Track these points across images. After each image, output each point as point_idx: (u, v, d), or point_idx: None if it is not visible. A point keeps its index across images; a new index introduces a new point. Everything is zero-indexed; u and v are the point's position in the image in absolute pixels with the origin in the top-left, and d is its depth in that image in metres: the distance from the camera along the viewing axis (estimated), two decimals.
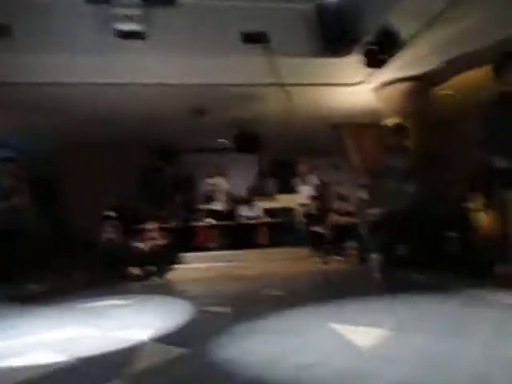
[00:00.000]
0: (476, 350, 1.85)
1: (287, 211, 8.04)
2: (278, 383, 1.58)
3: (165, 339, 2.34)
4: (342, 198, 6.79)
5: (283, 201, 8.49)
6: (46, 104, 6.14)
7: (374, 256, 5.66)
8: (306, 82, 5.98)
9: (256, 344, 2.12)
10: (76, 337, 2.55)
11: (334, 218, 6.31)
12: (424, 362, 1.73)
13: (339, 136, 8.13)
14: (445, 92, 6.23)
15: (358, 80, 6.00)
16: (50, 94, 5.79)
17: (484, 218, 5.14)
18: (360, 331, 2.27)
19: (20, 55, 5.15)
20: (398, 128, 5.30)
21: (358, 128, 7.94)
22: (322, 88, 6.23)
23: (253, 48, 5.46)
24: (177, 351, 2.09)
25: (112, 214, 6.22)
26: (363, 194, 6.07)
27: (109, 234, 6.08)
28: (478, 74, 5.79)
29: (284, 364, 1.79)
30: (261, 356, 1.91)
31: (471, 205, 4.52)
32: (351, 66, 5.39)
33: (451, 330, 2.25)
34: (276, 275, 5.53)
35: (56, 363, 2.00)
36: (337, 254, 6.02)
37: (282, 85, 5.77)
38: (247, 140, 8.48)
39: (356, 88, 6.24)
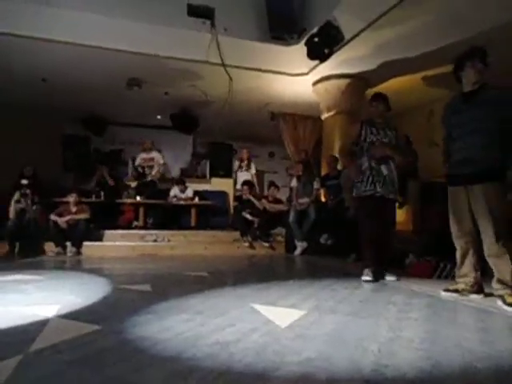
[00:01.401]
0: (382, 330, 1.99)
1: (219, 194, 8.01)
2: (193, 360, 1.55)
3: (76, 316, 2.18)
4: (274, 185, 6.90)
5: (216, 184, 8.44)
6: None
7: (299, 243, 5.88)
8: (249, 65, 5.92)
9: (175, 323, 2.07)
10: None
11: (265, 205, 6.40)
12: (336, 340, 1.81)
13: (277, 125, 8.24)
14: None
15: (301, 71, 6.08)
16: None
17: (400, 214, 5.58)
18: (280, 312, 2.32)
19: None
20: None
21: (296, 119, 8.12)
22: (264, 74, 6.22)
23: (198, 23, 5.27)
24: (88, 328, 1.95)
25: (25, 182, 5.65)
26: (294, 184, 6.22)
27: (22, 204, 5.53)
28: (413, 79, 6.22)
29: (202, 342, 1.76)
30: (179, 334, 1.87)
31: None
32: (296, 56, 5.44)
33: (362, 311, 2.40)
34: (201, 257, 5.49)
35: None
36: (264, 240, 6.12)
37: (225, 65, 5.64)
38: (185, 119, 8.26)
39: (298, 79, 6.32)
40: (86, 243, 5.57)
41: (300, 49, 5.15)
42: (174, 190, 7.31)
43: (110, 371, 1.46)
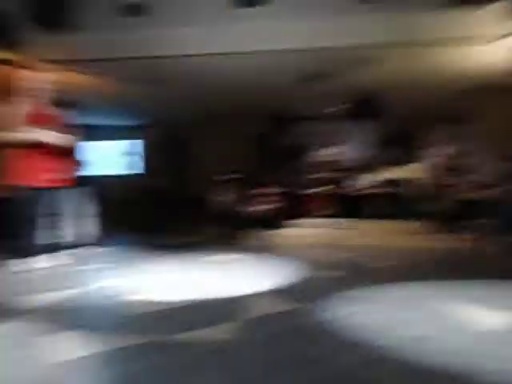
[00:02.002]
0: None
1: (408, 182, 7.50)
2: (385, 350, 1.57)
3: (277, 294, 2.48)
4: (472, 169, 6.02)
5: (404, 171, 7.92)
6: (172, 75, 6.71)
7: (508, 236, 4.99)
8: (430, 40, 5.32)
9: (366, 311, 2.11)
10: (196, 282, 2.89)
11: (462, 192, 5.66)
12: None
13: (469, 102, 7.15)
14: None
15: (493, 37, 5.10)
16: (175, 65, 6.29)
17: None
18: (482, 314, 2.07)
19: (151, 30, 5.71)
20: None
21: (494, 92, 6.85)
22: (450, 47, 5.48)
23: (371, 6, 5.08)
24: (288, 305, 2.21)
25: (231, 177, 6.66)
26: (501, 166, 5.29)
27: (225, 195, 6.56)
28: None
29: (393, 333, 1.76)
30: (370, 323, 1.91)
31: None
32: (485, 19, 4.61)
33: None
34: (391, 247, 5.29)
35: (181, 301, 2.31)
36: (463, 232, 5.44)
37: (404, 45, 5.25)
38: (367, 106, 8.06)
39: (491, 46, 5.32)
40: (279, 230, 6.16)
41: (489, 10, 4.34)
42: (360, 179, 7.26)
43: (308, 347, 1.63)
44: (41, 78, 3.38)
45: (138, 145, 10.69)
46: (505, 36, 5.06)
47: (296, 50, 5.69)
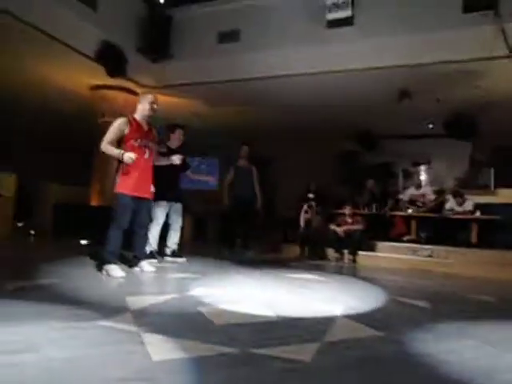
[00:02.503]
0: None
1: (508, 208, 6.76)
2: None
3: (359, 318, 2.38)
4: None
5: (503, 195, 7.17)
6: (268, 96, 6.95)
7: None
8: None
9: (460, 347, 1.93)
10: (279, 299, 2.89)
11: None
12: None
13: None
14: None
15: None
16: (270, 86, 6.52)
17: None
18: None
19: (245, 54, 6.01)
20: None
21: None
22: None
23: (476, 17, 4.79)
24: (369, 332, 2.10)
25: (311, 195, 6.63)
26: None
27: (307, 214, 6.52)
28: None
29: (498, 376, 1.57)
30: (467, 360, 1.73)
31: None
32: None
33: None
34: (484, 279, 4.80)
35: (264, 316, 2.33)
36: None
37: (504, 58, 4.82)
38: (460, 124, 7.51)
39: None
40: (360, 252, 5.95)
41: None
42: (450, 203, 6.73)
43: (397, 377, 1.53)
44: (147, 102, 3.68)
45: (215, 161, 11.29)
46: None
47: (388, 67, 5.56)
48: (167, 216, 4.59)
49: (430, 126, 8.27)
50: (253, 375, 1.47)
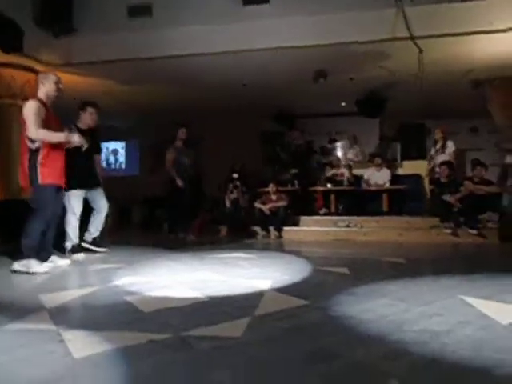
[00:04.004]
0: None
1: (412, 178, 7.49)
2: (401, 344, 1.56)
3: (286, 290, 2.48)
4: (479, 164, 6.00)
5: (408, 167, 7.92)
6: (181, 74, 6.70)
7: None
8: (442, 32, 5.29)
9: (376, 306, 2.10)
10: (208, 280, 2.88)
11: (469, 187, 5.64)
12: None
13: (482, 94, 7.08)
14: None
15: (507, 25, 5.07)
16: (185, 64, 6.28)
17: None
18: (498, 307, 2.06)
19: (158, 31, 5.70)
20: None
21: (509, 82, 6.77)
22: (462, 38, 5.44)
23: (380, 0, 5.08)
24: (297, 302, 2.20)
25: (235, 175, 6.66)
26: (509, 159, 5.27)
27: (233, 194, 6.56)
28: None
29: (408, 327, 1.74)
30: (382, 317, 1.89)
31: None
32: (497, 8, 4.58)
33: None
34: (396, 244, 5.30)
35: (193, 298, 2.31)
36: (470, 227, 5.42)
37: (413, 38, 5.22)
38: (370, 103, 8.05)
39: (504, 35, 5.28)
40: (285, 228, 6.16)
41: None
42: (366, 174, 7.22)
43: (323, 342, 1.62)
44: (46, 80, 3.34)
45: (135, 145, 10.80)
46: None
47: (305, 47, 5.67)
48: (91, 202, 4.24)
49: (343, 103, 8.72)
50: (183, 358, 1.45)
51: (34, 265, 3.12)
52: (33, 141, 3.16)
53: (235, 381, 1.30)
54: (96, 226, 4.28)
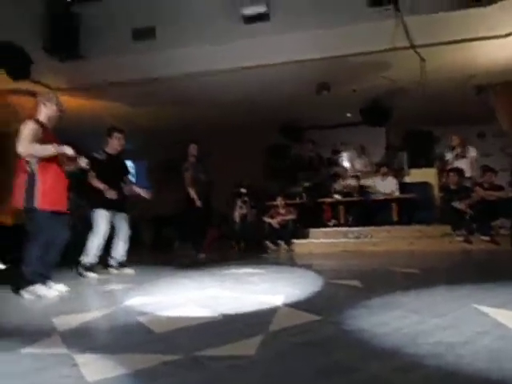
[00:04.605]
0: None
1: (421, 186, 7.44)
2: (415, 357, 1.53)
3: (298, 305, 2.46)
4: (489, 170, 5.94)
5: (416, 175, 7.86)
6: (185, 94, 6.81)
7: None
8: (442, 40, 5.33)
9: (390, 319, 2.07)
10: (220, 297, 2.87)
11: (480, 193, 5.58)
12: None
13: (486, 99, 7.07)
14: None
15: (504, 31, 5.10)
16: (189, 84, 6.39)
17: None
18: (510, 315, 2.02)
19: (162, 52, 5.83)
20: None
21: (511, 88, 6.77)
22: (462, 45, 5.47)
23: (380, 11, 5.14)
24: (310, 317, 2.17)
25: (244, 190, 6.68)
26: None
27: (242, 209, 6.57)
28: None
29: (422, 340, 1.71)
30: (397, 330, 1.86)
31: None
32: (497, 14, 4.61)
33: None
34: (408, 253, 5.24)
35: (205, 317, 2.30)
36: (483, 234, 5.34)
37: (414, 47, 5.27)
38: (375, 112, 8.07)
39: (503, 41, 5.31)
40: (295, 241, 6.14)
41: (505, 4, 4.34)
42: (373, 181, 7.20)
43: (337, 356, 1.59)
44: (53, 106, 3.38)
45: (142, 165, 10.90)
46: None
47: (306, 61, 5.74)
48: (114, 226, 4.28)
49: (348, 114, 8.76)
50: (196, 378, 1.44)
51: (42, 290, 3.11)
52: (30, 163, 3.10)
53: None
54: (119, 251, 4.33)
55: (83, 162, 3.36)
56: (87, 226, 4.20)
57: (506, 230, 5.34)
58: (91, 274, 4.03)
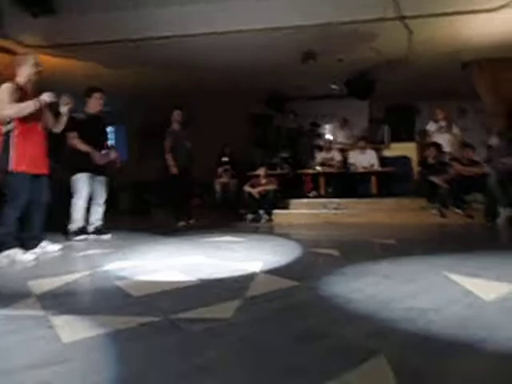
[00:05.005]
0: None
1: (400, 160, 7.54)
2: (389, 322, 1.58)
3: (277, 272, 2.49)
4: (467, 145, 6.05)
5: (396, 149, 7.95)
6: (168, 57, 6.55)
7: (502, 210, 5.07)
8: (431, 12, 5.25)
9: (365, 285, 2.13)
10: (199, 263, 2.88)
11: (457, 169, 5.70)
12: None
13: (470, 75, 7.08)
14: None
15: (497, 4, 5.04)
16: (171, 47, 6.14)
17: None
18: (482, 284, 2.10)
19: (142, 11, 5.55)
20: None
21: (497, 63, 6.77)
22: (451, 18, 5.40)
23: None
24: (288, 283, 2.21)
25: (226, 159, 6.62)
26: (495, 141, 5.32)
27: (223, 178, 6.53)
28: None
29: (395, 305, 1.77)
30: (370, 296, 1.92)
31: None
32: None
33: None
34: (386, 225, 5.35)
35: (184, 281, 2.31)
36: (457, 207, 5.50)
37: (401, 18, 5.18)
38: (359, 85, 8.00)
39: (494, 15, 5.26)
40: (275, 211, 6.18)
41: None
42: (354, 158, 7.24)
43: (313, 321, 1.63)
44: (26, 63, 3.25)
45: (122, 130, 10.60)
46: (508, 4, 4.96)
47: (291, 27, 5.57)
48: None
49: (333, 86, 8.66)
50: (173, 340, 1.46)
51: (18, 254, 3.07)
52: (6, 123, 3.06)
53: (225, 361, 1.31)
54: (95, 216, 4.28)
55: (47, 96, 3.19)
56: (65, 192, 4.11)
57: (479, 205, 5.51)
58: (82, 237, 4.00)
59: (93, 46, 6.03)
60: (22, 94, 3.13)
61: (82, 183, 4.07)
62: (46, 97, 3.16)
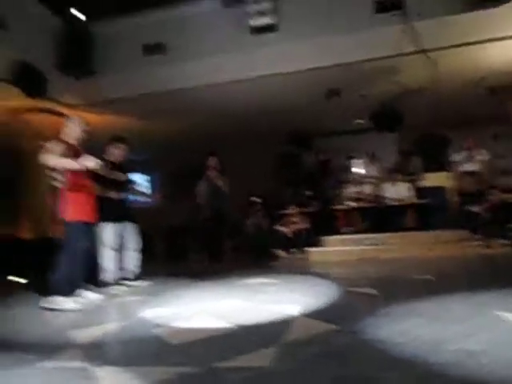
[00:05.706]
0: None
1: (437, 191, 7.32)
2: (437, 365, 1.49)
3: (315, 315, 2.43)
4: (506, 172, 5.82)
5: (431, 179, 7.74)
6: (196, 106, 6.89)
7: None
8: (452, 43, 5.30)
9: (410, 327, 2.03)
10: (235, 308, 2.86)
11: (497, 196, 5.46)
12: None
13: (499, 100, 6.96)
14: None
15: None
16: (199, 95, 6.47)
17: None
18: None
19: (172, 66, 5.94)
20: None
21: None
22: (473, 47, 5.42)
23: (387, 17, 5.16)
24: (327, 326, 2.15)
25: (256, 200, 6.68)
26: None
27: (255, 219, 6.57)
28: None
29: (443, 348, 1.67)
30: (417, 338, 1.82)
31: None
32: (508, 13, 4.58)
33: None
34: (424, 259, 5.13)
35: (221, 328, 2.29)
36: (502, 237, 5.22)
37: (424, 51, 5.25)
38: (386, 117, 7.99)
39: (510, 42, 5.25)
40: (309, 249, 6.09)
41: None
42: (388, 191, 7.11)
43: (356, 368, 1.57)
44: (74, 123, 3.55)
45: (156, 176, 10.96)
46: None
47: (313, 69, 5.76)
48: (122, 238, 4.26)
49: (359, 121, 8.71)
50: None
51: (62, 302, 3.17)
52: (58, 180, 3.30)
53: None
54: (130, 263, 4.31)
55: (91, 162, 3.29)
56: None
57: None
58: (114, 288, 4.02)
59: (127, 101, 6.45)
60: (73, 152, 3.38)
61: (106, 232, 4.10)
62: (90, 163, 3.29)
